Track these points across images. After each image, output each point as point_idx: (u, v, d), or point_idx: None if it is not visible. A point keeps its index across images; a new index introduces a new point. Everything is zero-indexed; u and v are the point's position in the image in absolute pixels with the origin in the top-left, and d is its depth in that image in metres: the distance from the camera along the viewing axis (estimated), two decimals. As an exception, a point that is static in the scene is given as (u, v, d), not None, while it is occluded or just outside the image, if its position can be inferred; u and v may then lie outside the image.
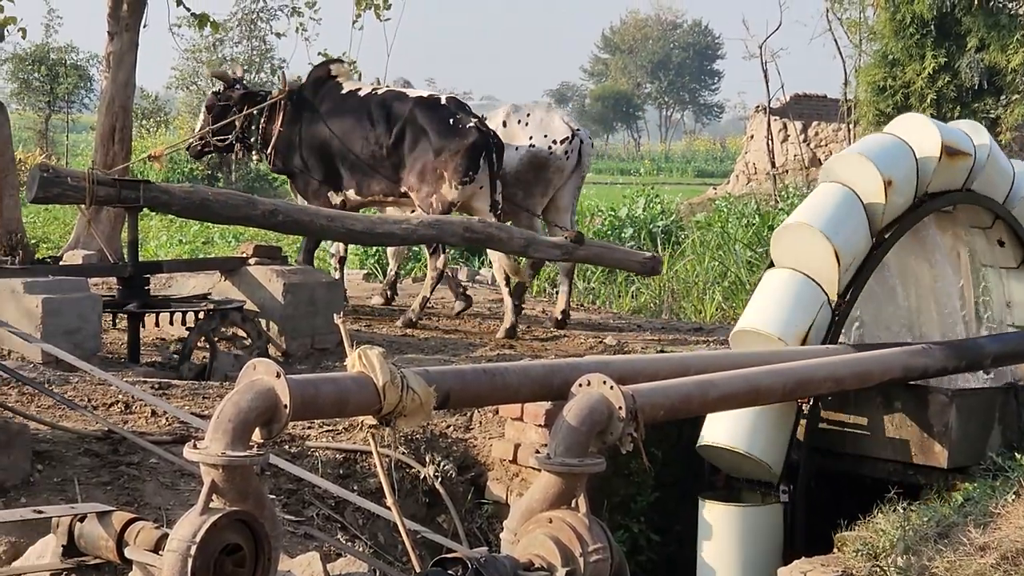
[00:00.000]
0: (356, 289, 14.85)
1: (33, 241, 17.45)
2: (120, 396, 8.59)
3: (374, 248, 21.31)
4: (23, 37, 16.86)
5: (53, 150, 47.05)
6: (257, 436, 4.86)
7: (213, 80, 13.63)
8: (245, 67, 15.17)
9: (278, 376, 4.84)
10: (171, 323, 10.88)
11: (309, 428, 8.21)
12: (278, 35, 31.63)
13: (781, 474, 8.49)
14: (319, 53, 37.33)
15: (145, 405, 8.35)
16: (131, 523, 5.32)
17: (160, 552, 4.96)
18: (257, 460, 4.80)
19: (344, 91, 13.06)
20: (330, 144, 12.84)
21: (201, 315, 10.62)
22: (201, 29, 17.89)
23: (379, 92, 13.13)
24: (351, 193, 12.87)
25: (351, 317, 12.33)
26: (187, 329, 10.56)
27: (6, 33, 16.02)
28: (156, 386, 9.01)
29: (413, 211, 12.75)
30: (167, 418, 8.13)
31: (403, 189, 12.69)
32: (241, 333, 10.79)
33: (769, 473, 8.49)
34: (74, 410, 7.98)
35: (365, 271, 19.23)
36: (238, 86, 13.40)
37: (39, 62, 51.04)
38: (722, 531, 8.47)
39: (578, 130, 13.46)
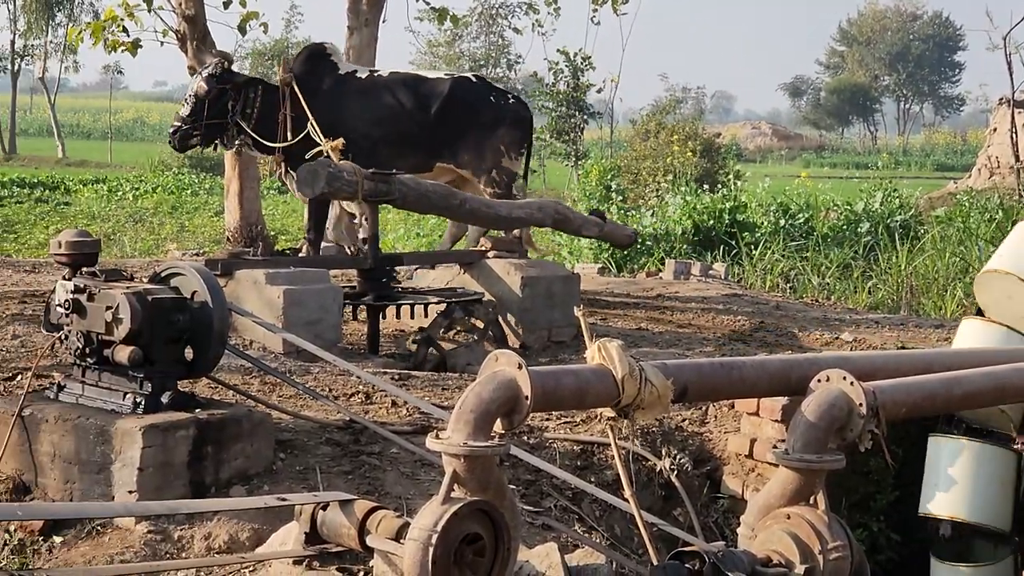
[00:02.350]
0: (591, 283, 14.86)
1: (272, 233, 17.85)
2: (360, 386, 8.72)
3: (607, 242, 21.35)
4: (264, 32, 17.25)
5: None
6: (498, 427, 4.91)
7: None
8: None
9: (520, 367, 4.88)
10: (411, 315, 11.04)
11: (547, 420, 8.25)
12: (516, 31, 31.87)
13: (1019, 427, 8.38)
14: (557, 50, 37.49)
15: (385, 395, 8.46)
16: (373, 512, 5.40)
17: (401, 541, 5.03)
18: (498, 451, 4.84)
19: (343, 72, 12.78)
20: (350, 125, 12.34)
21: (440, 307, 10.75)
22: (441, 24, 18.05)
23: (394, 73, 13.08)
24: None
25: (588, 310, 12.36)
26: (422, 326, 10.70)
27: (248, 28, 16.42)
28: (396, 377, 9.14)
29: None
30: (407, 408, 8.24)
31: (441, 165, 12.77)
32: (479, 325, 10.89)
33: (1009, 424, 8.35)
34: (316, 400, 8.13)
35: (599, 265, 19.25)
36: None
37: (278, 57, 52.21)
38: (954, 468, 8.36)
39: None
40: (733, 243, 20.90)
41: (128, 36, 15.46)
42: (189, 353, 7.01)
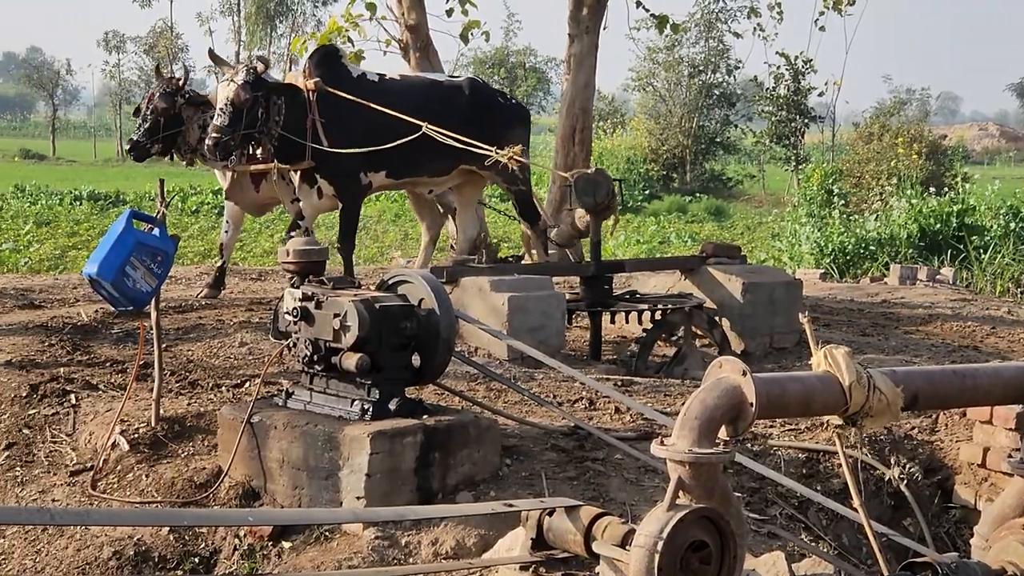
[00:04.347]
0: (813, 289, 14.70)
1: (494, 241, 17.98)
2: (584, 392, 8.74)
3: (829, 247, 21.09)
4: (486, 40, 17.38)
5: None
6: (723, 433, 4.87)
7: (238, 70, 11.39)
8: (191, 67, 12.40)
9: (744, 374, 4.83)
10: (629, 321, 11.04)
11: (771, 427, 8.17)
12: (736, 35, 31.55)
13: None
14: (777, 53, 36.97)
15: (608, 402, 8.47)
16: (598, 518, 5.41)
17: (627, 547, 5.02)
18: (724, 458, 4.80)
19: (355, 75, 11.90)
20: (374, 130, 11.47)
21: (661, 314, 10.73)
22: (661, 31, 18.00)
23: (404, 76, 12.69)
24: (381, 176, 11.86)
25: (810, 316, 12.22)
26: (644, 330, 10.69)
27: (470, 36, 16.59)
28: (618, 383, 9.13)
29: (431, 192, 12.74)
30: (630, 415, 8.23)
31: (464, 167, 12.27)
32: (700, 331, 10.84)
33: None
34: (541, 406, 8.16)
35: (821, 270, 19.03)
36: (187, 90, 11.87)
37: (499, 65, 52.72)
38: None
39: None
40: (961, 247, 20.49)
41: (352, 46, 15.75)
42: (416, 360, 7.08)
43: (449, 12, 16.21)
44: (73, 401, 8.24)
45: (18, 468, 7.70)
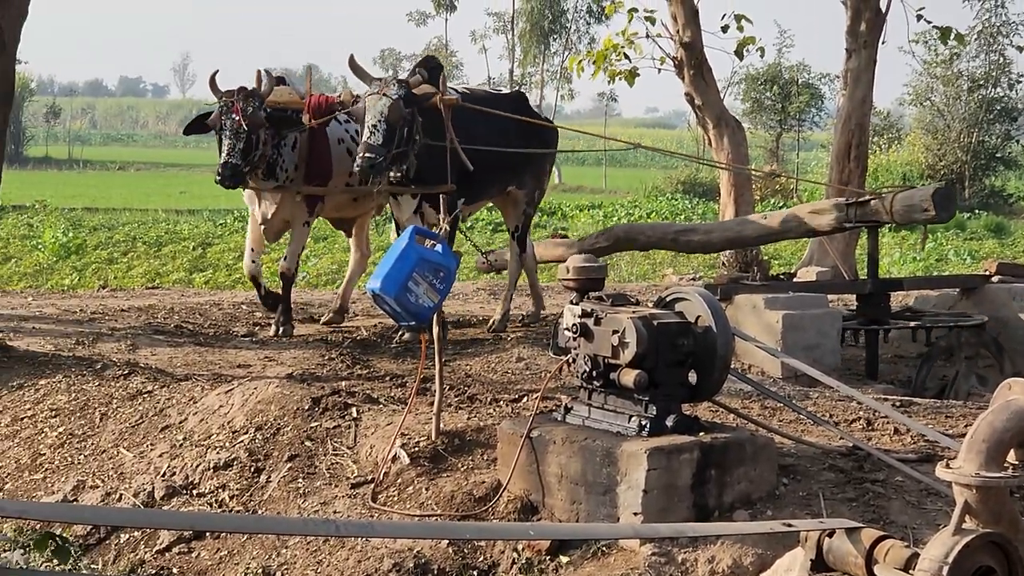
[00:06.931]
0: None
1: (765, 257, 17.86)
2: (861, 412, 8.62)
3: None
4: (761, 56, 17.30)
5: (782, 168, 48.12)
6: (1012, 457, 4.78)
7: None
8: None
9: (1035, 396, 4.74)
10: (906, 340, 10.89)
11: (1058, 451, 7.95)
12: (1019, 49, 30.74)
13: None
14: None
15: (887, 422, 8.34)
16: (880, 541, 5.35)
17: (910, 572, 4.96)
18: (1013, 482, 4.73)
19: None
20: (477, 149, 10.93)
21: (940, 333, 10.56)
22: (944, 42, 17.65)
23: (474, 90, 11.93)
24: (462, 202, 10.32)
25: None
26: (919, 353, 10.54)
27: (745, 53, 16.54)
28: (897, 403, 8.99)
29: (471, 214, 12.38)
30: (911, 436, 8.09)
31: (511, 189, 11.84)
32: (984, 352, 10.62)
33: None
34: (817, 425, 8.07)
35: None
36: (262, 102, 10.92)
37: (771, 81, 52.34)
38: None
39: None
40: None
41: (628, 62, 15.89)
42: (692, 377, 7.07)
43: (724, 29, 16.21)
44: (354, 414, 8.41)
45: (300, 480, 7.91)
